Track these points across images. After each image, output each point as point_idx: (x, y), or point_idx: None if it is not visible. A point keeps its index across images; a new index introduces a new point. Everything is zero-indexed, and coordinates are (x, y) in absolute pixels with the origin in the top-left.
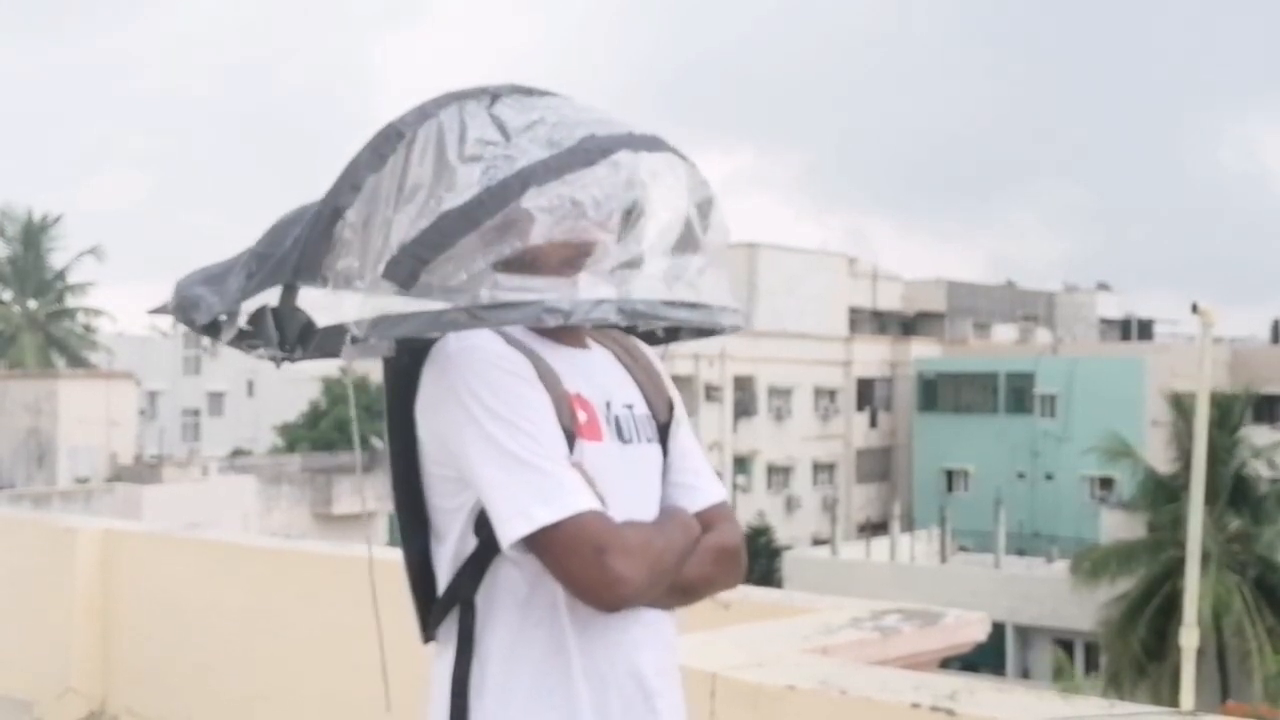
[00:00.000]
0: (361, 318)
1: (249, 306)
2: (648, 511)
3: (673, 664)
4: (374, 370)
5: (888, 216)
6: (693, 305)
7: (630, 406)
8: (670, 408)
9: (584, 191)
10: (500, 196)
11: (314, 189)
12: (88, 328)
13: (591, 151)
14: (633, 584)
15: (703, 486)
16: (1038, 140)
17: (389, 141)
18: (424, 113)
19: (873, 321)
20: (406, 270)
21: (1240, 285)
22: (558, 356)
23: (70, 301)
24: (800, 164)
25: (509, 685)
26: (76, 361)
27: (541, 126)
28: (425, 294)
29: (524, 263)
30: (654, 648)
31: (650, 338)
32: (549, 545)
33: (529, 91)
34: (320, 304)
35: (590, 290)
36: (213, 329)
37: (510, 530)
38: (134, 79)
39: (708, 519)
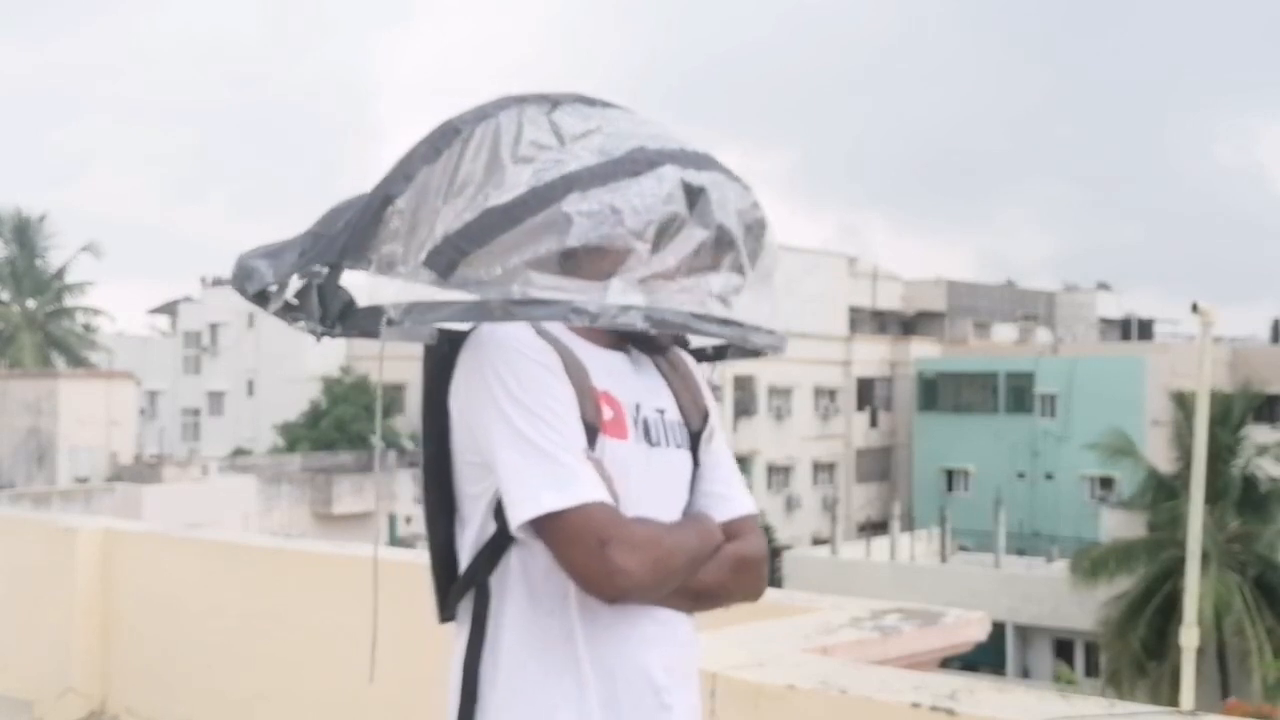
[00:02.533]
0: (399, 301)
1: (298, 281)
2: (670, 514)
3: (688, 664)
4: (374, 370)
5: (882, 214)
6: (724, 321)
7: (662, 412)
8: (705, 417)
9: (624, 200)
10: (544, 197)
11: (312, 189)
12: (87, 327)
13: (639, 163)
14: (633, 578)
15: (733, 496)
16: (1032, 138)
17: (445, 137)
18: (483, 113)
19: (873, 321)
20: (445, 260)
21: (1237, 284)
22: (591, 354)
23: (69, 301)
24: (793, 161)
25: (516, 670)
26: (76, 361)
27: (596, 136)
28: (461, 284)
29: (563, 264)
30: (666, 646)
31: (701, 355)
32: (555, 532)
33: (591, 101)
34: (362, 285)
35: (620, 296)
36: (262, 299)
37: (519, 513)
38: (133, 79)
39: (735, 529)
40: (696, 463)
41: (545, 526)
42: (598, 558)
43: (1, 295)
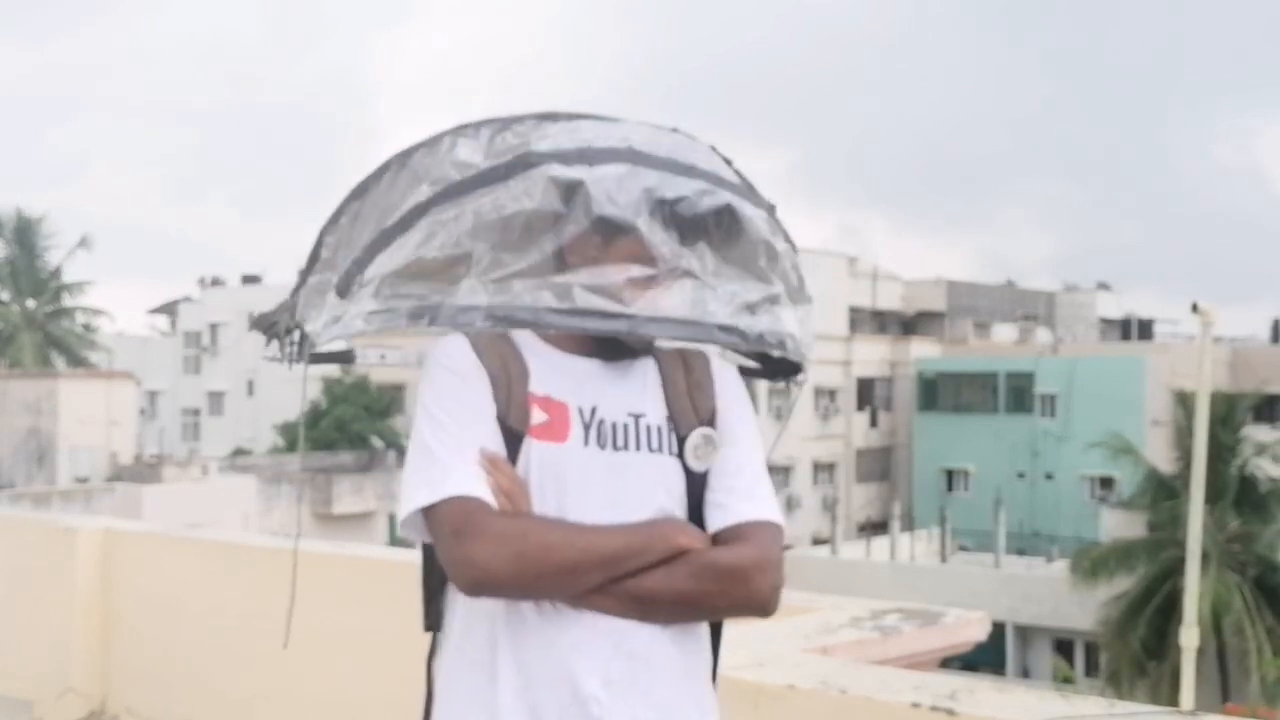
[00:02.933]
0: (316, 326)
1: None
2: (630, 517)
3: (642, 677)
4: (375, 371)
5: (882, 214)
6: (605, 315)
7: (638, 416)
8: (707, 422)
9: (475, 204)
10: (417, 211)
11: (312, 189)
12: (87, 327)
13: (514, 166)
14: (484, 569)
15: (731, 505)
16: (1032, 138)
17: (376, 173)
18: (420, 144)
19: (873, 321)
20: (345, 282)
21: (1237, 284)
22: (545, 359)
23: (68, 301)
24: (793, 161)
25: (452, 673)
26: (76, 361)
27: (521, 149)
28: (353, 303)
29: (451, 271)
30: (600, 655)
31: (773, 368)
32: (428, 527)
33: (554, 117)
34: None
35: (464, 297)
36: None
37: (399, 511)
38: (133, 79)
39: (727, 536)
40: (687, 468)
41: (426, 523)
42: (453, 548)
43: (1, 295)
